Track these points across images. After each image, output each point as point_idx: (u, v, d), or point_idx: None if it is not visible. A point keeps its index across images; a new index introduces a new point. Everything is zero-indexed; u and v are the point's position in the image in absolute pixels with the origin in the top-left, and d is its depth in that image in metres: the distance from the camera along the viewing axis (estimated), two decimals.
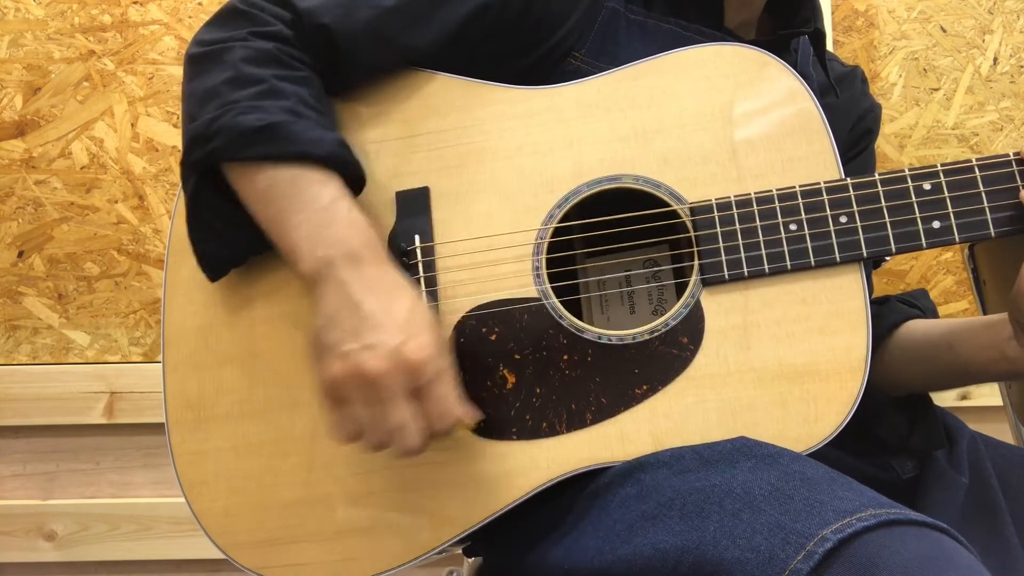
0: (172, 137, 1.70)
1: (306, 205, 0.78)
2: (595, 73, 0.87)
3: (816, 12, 0.98)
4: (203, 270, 0.85)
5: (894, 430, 0.94)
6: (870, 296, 0.81)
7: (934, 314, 1.01)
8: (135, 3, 1.69)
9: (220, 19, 0.86)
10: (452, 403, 0.74)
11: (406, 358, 0.71)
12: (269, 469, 0.84)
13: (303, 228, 0.77)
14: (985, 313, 1.23)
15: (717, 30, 0.93)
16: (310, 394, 0.84)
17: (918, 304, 1.00)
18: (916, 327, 0.97)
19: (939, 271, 1.75)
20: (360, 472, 0.83)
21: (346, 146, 0.82)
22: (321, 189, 0.79)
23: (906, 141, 1.74)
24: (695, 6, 0.93)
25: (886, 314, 0.99)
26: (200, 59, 0.84)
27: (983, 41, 1.72)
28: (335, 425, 0.74)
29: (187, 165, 0.82)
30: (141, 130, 1.70)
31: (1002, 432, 1.12)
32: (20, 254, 1.70)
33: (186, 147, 0.82)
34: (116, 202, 1.70)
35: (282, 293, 0.86)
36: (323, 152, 0.80)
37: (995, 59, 1.72)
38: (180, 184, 0.85)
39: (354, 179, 0.83)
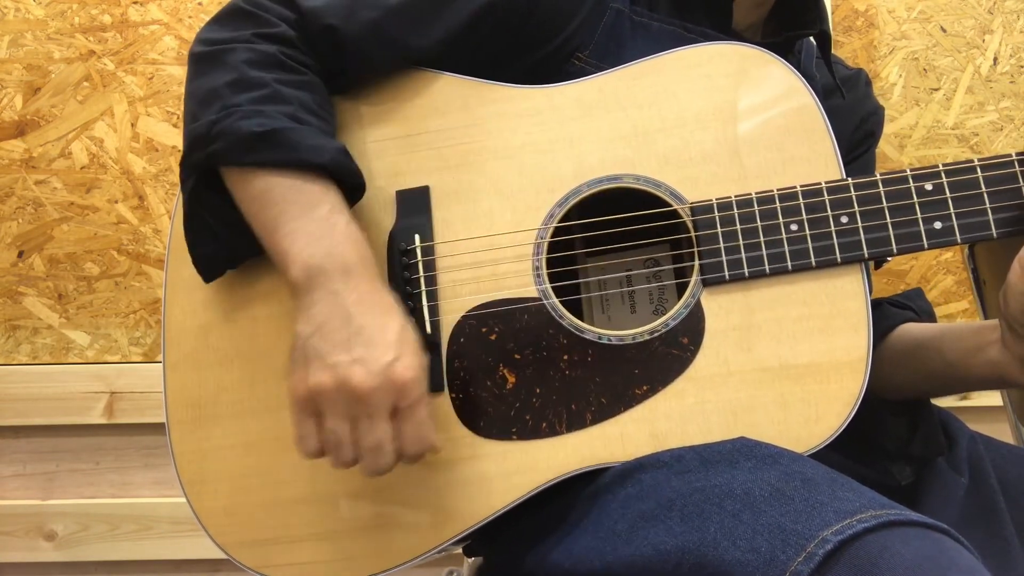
0: (172, 137, 1.69)
1: (303, 213, 0.77)
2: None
3: (822, 14, 0.98)
4: (198, 270, 0.85)
5: (894, 436, 0.94)
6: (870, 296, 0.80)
7: (929, 314, 1.01)
8: (135, 3, 1.69)
9: (224, 18, 0.86)
10: (429, 429, 0.74)
11: (395, 376, 0.71)
12: (271, 467, 0.84)
13: (299, 235, 0.77)
14: (985, 313, 1.22)
15: (724, 32, 0.92)
16: None
17: (912, 305, 1.00)
18: (908, 331, 0.96)
19: (939, 271, 1.75)
20: None
21: (347, 154, 0.82)
22: (320, 199, 0.79)
23: (906, 141, 1.73)
24: (703, 8, 0.93)
25: (878, 320, 0.97)
26: (203, 58, 0.84)
27: (983, 41, 1.71)
28: (303, 437, 0.73)
29: (187, 166, 0.82)
30: (141, 130, 1.70)
31: (1002, 432, 1.12)
32: (20, 254, 1.69)
33: (187, 147, 0.81)
34: (116, 202, 1.70)
35: (284, 291, 0.86)
36: (324, 160, 0.79)
37: (995, 59, 1.72)
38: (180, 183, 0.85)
39: (354, 187, 0.83)
